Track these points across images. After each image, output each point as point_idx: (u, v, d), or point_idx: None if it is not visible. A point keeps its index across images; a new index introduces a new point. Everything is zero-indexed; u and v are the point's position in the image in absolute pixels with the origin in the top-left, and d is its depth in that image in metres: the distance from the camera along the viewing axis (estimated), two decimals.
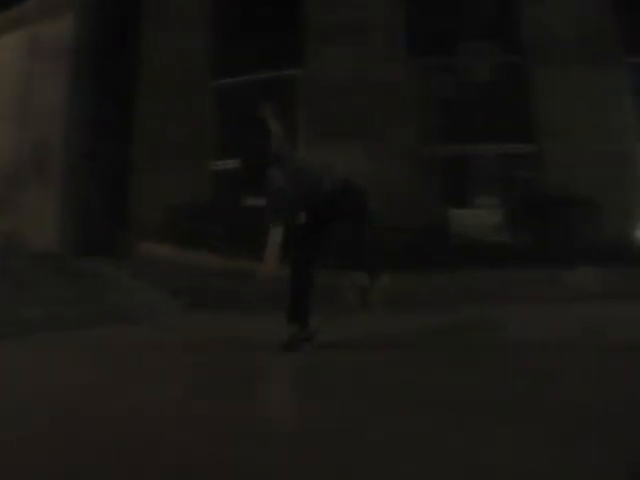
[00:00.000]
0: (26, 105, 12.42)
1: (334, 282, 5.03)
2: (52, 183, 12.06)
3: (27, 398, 2.72)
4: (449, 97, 11.56)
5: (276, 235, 4.05)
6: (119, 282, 9.13)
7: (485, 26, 11.58)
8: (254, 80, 11.83)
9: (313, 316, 4.36)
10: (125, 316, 7.11)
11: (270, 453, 1.76)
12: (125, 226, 11.76)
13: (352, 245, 4.34)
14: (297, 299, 4.25)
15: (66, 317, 6.10)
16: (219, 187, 11.77)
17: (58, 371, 3.60)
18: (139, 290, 9.15)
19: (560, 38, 11.01)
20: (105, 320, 6.54)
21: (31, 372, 3.57)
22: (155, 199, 11.45)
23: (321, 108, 11.09)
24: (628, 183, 10.72)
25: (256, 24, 11.93)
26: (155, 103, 11.89)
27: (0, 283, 6.22)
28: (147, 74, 12.14)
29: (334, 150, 10.49)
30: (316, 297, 4.32)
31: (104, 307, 7.24)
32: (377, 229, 5.03)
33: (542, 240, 10.03)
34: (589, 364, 3.42)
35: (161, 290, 9.33)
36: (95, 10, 12.59)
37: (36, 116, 12.20)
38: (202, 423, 2.18)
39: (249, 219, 11.58)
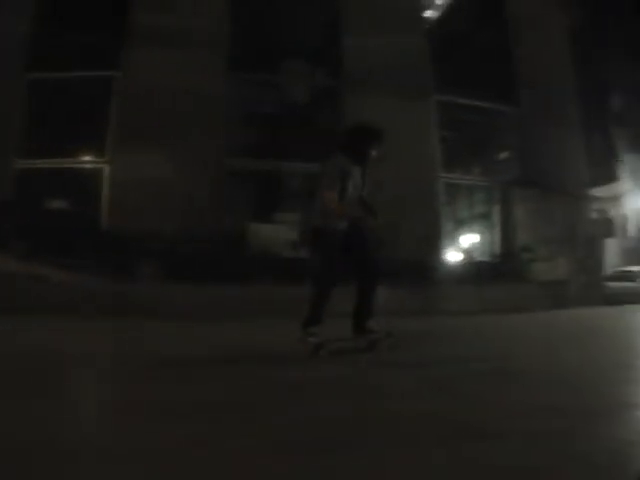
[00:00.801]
0: None
1: None
2: None
3: None
4: (263, 113, 11.68)
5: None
6: None
7: (308, 49, 11.87)
8: (70, 78, 11.35)
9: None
10: None
11: None
12: None
13: (368, 299, 4.80)
14: (316, 311, 4.59)
15: None
16: (23, 186, 11.09)
17: None
18: None
19: (377, 69, 11.44)
20: None
21: None
22: None
23: (133, 112, 10.79)
24: (427, 209, 11.22)
25: (78, 21, 11.46)
26: None
27: None
28: None
29: (141, 155, 10.28)
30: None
31: None
32: None
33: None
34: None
35: None
36: None
37: None
38: None
39: (51, 222, 11.05)
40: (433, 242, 11.13)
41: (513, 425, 2.16)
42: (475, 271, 11.18)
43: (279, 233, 10.44)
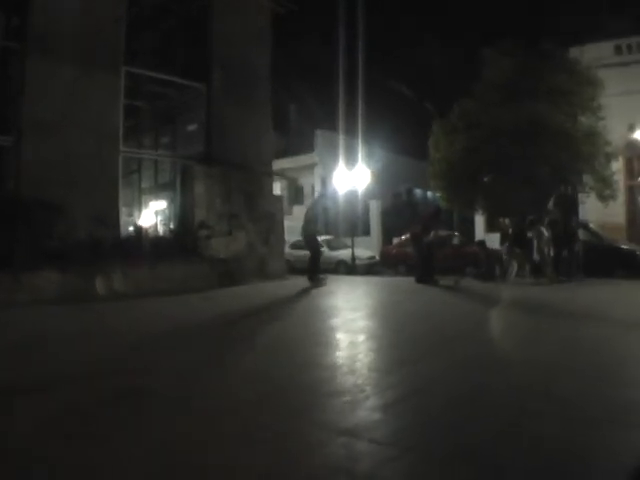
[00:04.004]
0: None
1: None
2: None
3: None
4: None
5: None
6: None
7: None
8: None
9: None
10: None
11: None
12: None
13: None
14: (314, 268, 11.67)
15: None
16: None
17: None
18: None
19: (63, 34, 10.77)
20: None
21: None
22: None
23: None
24: (103, 187, 11.02)
25: None
26: None
27: None
28: None
29: None
30: None
31: None
32: None
33: (6, 241, 9.63)
34: None
35: None
36: None
37: None
38: None
39: None
40: (109, 220, 11.04)
41: None
42: (151, 249, 11.32)
43: None
